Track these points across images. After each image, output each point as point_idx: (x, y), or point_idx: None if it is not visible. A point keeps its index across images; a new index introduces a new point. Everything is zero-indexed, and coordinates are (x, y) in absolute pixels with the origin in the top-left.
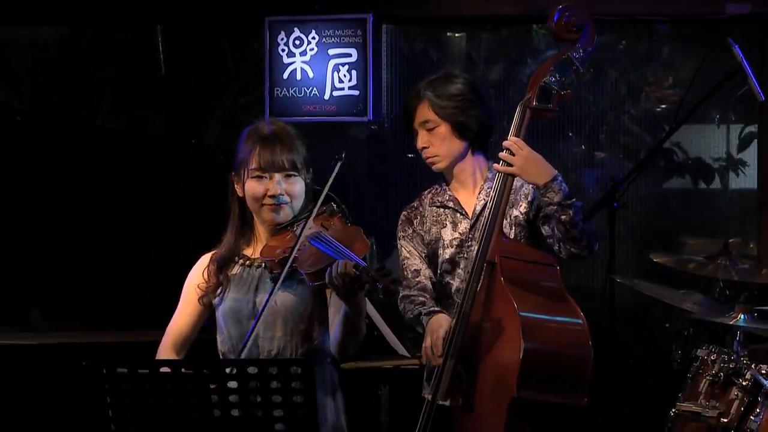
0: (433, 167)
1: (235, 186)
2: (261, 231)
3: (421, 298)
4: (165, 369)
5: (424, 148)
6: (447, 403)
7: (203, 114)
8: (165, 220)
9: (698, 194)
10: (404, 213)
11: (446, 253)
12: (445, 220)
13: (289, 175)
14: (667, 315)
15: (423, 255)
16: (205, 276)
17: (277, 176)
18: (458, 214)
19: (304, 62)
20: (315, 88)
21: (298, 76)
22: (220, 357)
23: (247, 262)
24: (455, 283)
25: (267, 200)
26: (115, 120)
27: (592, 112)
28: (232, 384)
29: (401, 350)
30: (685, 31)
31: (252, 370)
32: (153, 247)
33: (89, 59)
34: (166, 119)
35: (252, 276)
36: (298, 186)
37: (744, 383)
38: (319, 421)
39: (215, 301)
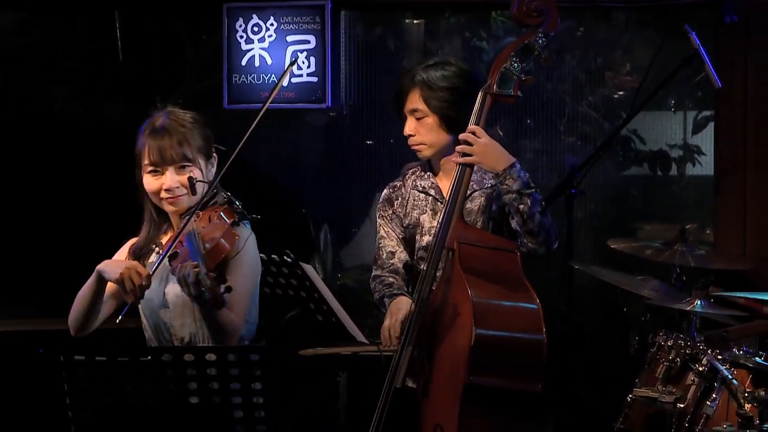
0: (418, 154)
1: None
2: (174, 219)
3: (390, 279)
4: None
5: (410, 135)
6: (412, 384)
7: (162, 101)
8: (124, 206)
9: (655, 180)
10: (386, 191)
11: (423, 240)
12: (426, 206)
13: (183, 166)
14: (624, 301)
15: (400, 237)
16: None
17: (170, 169)
18: (438, 203)
19: (262, 49)
20: (273, 75)
21: (257, 63)
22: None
23: (157, 249)
24: None
25: (163, 194)
26: (74, 107)
27: (549, 99)
28: (191, 371)
29: (359, 337)
30: (643, 17)
31: (210, 357)
32: (111, 233)
33: (46, 46)
34: (124, 106)
35: (164, 266)
36: (194, 174)
37: (700, 369)
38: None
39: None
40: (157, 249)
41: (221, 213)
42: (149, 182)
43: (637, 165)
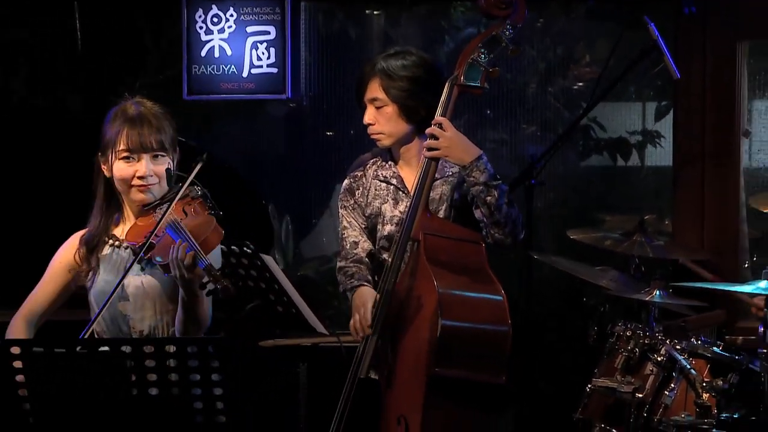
0: (378, 144)
1: (102, 167)
2: (129, 211)
3: (354, 269)
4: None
5: (369, 124)
6: (375, 376)
7: (122, 92)
8: (84, 197)
9: (615, 171)
10: (347, 181)
11: (385, 230)
12: (387, 195)
13: (157, 156)
14: (583, 291)
15: (363, 227)
16: (77, 259)
17: (145, 157)
18: (400, 192)
19: (222, 40)
20: (233, 66)
21: (216, 54)
22: (95, 337)
23: (116, 243)
24: None
25: (136, 181)
26: (34, 98)
27: (510, 89)
28: (150, 363)
29: (320, 328)
30: (602, 8)
31: (170, 348)
32: (70, 225)
33: (4, 37)
34: (84, 97)
35: (121, 257)
36: (166, 166)
37: (659, 359)
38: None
39: (87, 284)
40: (110, 241)
41: (197, 206)
42: (121, 168)
43: (597, 155)
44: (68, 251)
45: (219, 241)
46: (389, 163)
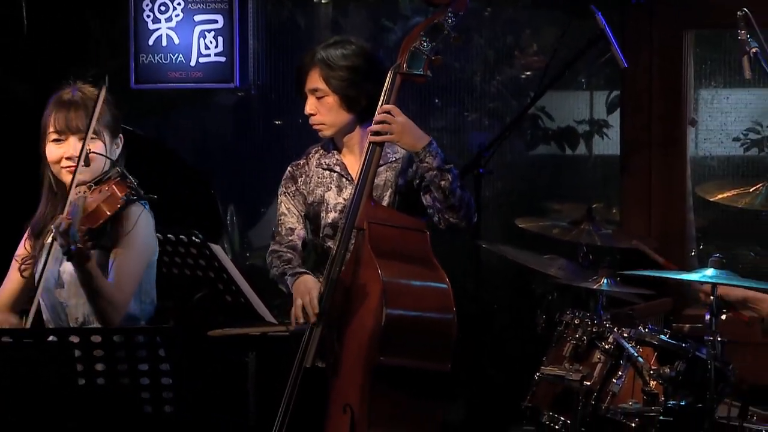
0: (319, 134)
1: (44, 153)
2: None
3: (289, 255)
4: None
5: (311, 114)
6: (321, 365)
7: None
8: (34, 188)
9: (563, 160)
10: (289, 169)
11: (329, 217)
12: (331, 183)
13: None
14: (532, 280)
15: (301, 214)
16: (27, 247)
17: (73, 139)
18: (344, 179)
19: (169, 28)
20: (181, 55)
21: (164, 43)
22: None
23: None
24: None
25: (64, 162)
26: None
27: (457, 78)
28: (98, 352)
29: (268, 317)
30: None
31: (117, 338)
32: (20, 216)
33: None
34: (32, 87)
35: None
36: (96, 147)
37: (607, 347)
38: None
39: (36, 271)
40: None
41: (112, 185)
42: (51, 150)
43: (545, 144)
44: (23, 241)
45: (112, 210)
46: (332, 151)
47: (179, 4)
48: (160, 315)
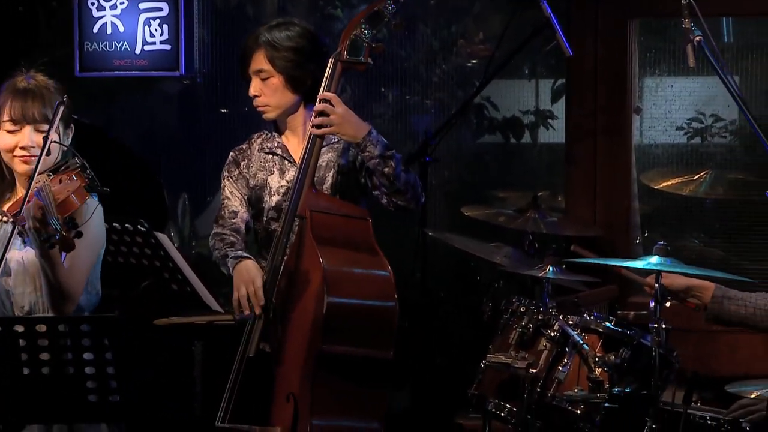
0: (264, 116)
1: None
2: (19, 184)
3: (232, 239)
4: None
5: (255, 96)
6: (267, 349)
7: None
8: None
9: (509, 148)
10: (232, 154)
11: (272, 201)
12: (273, 167)
13: (41, 128)
14: (478, 268)
15: (244, 198)
16: None
17: (28, 128)
18: (286, 162)
19: (114, 16)
20: (126, 43)
21: (109, 30)
22: None
23: (3, 218)
24: None
25: (18, 152)
26: None
27: (403, 67)
28: (43, 342)
29: (214, 306)
30: None
31: (62, 327)
32: None
33: None
34: None
35: (6, 232)
36: (51, 137)
37: (552, 334)
38: None
39: None
40: (2, 218)
41: (73, 175)
42: (4, 139)
43: (491, 133)
44: None
45: (81, 202)
46: (274, 134)
47: None
48: (106, 304)
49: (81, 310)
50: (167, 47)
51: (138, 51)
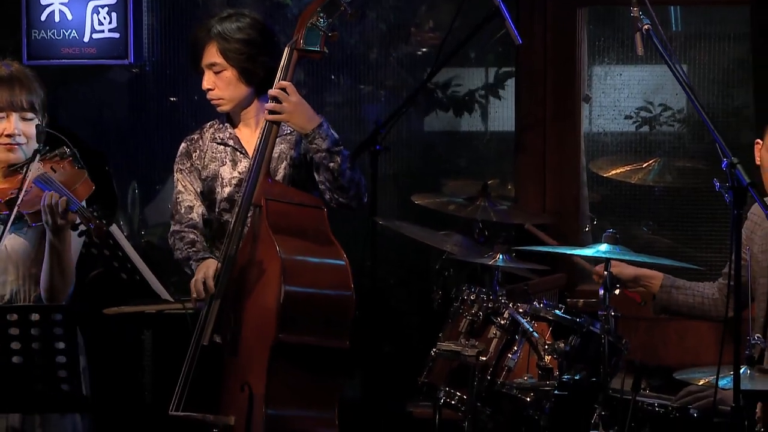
0: (218, 109)
1: None
2: None
3: (191, 236)
4: None
5: (209, 89)
6: (219, 340)
7: None
8: None
9: (459, 136)
10: (184, 144)
11: (225, 192)
12: (225, 158)
13: (27, 117)
14: (428, 256)
15: (198, 191)
16: None
17: (15, 116)
18: (238, 153)
19: (62, 4)
20: (74, 31)
21: (57, 18)
22: None
23: None
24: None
25: (3, 139)
26: None
27: (353, 54)
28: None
29: (164, 294)
30: None
31: (11, 317)
32: None
33: None
34: None
35: None
36: (33, 128)
37: (502, 322)
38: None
39: None
40: None
41: (66, 164)
42: None
43: (441, 121)
44: None
45: (88, 194)
46: (226, 125)
47: None
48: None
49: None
50: (116, 35)
51: (86, 39)
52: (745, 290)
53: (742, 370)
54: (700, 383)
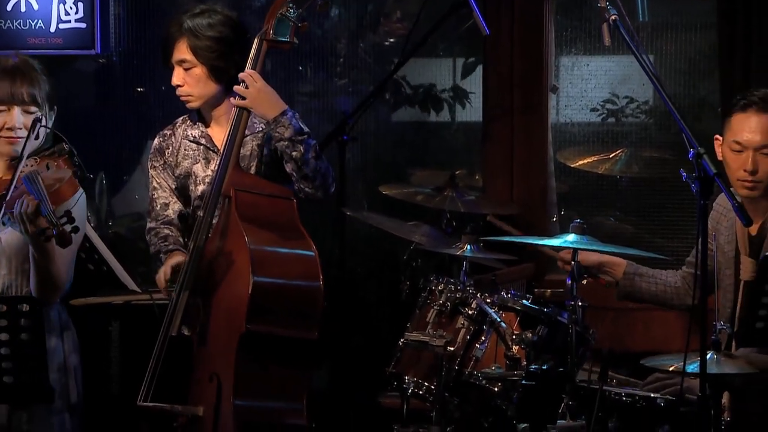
0: (187, 105)
1: None
2: (1, 164)
3: (166, 231)
4: None
5: (178, 86)
6: (187, 333)
7: None
8: None
9: (426, 127)
10: (157, 140)
11: (198, 190)
12: (198, 155)
13: (29, 110)
14: (396, 246)
15: (173, 187)
16: None
17: (17, 109)
18: (211, 152)
19: None
20: (40, 21)
21: (23, 8)
22: None
23: None
24: None
25: (4, 132)
26: None
27: (321, 45)
28: None
29: (131, 285)
30: None
31: None
32: None
33: None
34: None
35: None
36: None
37: (470, 312)
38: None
39: None
40: None
41: (60, 161)
42: None
43: (409, 111)
44: None
45: (72, 194)
46: (198, 123)
47: None
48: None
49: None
50: (82, 25)
51: (53, 29)
52: (710, 279)
53: (708, 356)
54: (670, 369)
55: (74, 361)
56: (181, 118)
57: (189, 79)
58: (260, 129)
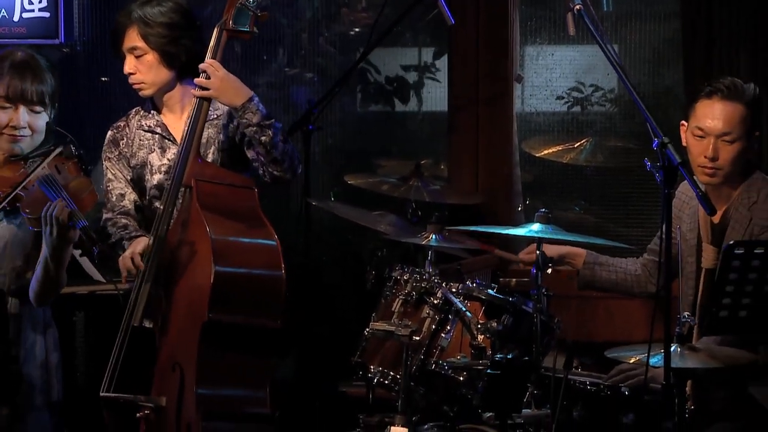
0: (140, 93)
1: None
2: (1, 160)
3: (124, 221)
4: None
5: (131, 74)
6: (149, 324)
7: None
8: None
9: (392, 116)
10: (110, 132)
11: (154, 179)
12: (153, 145)
13: (35, 110)
14: (361, 236)
15: (128, 178)
16: None
17: (23, 108)
18: (166, 140)
19: None
20: (3, 10)
21: None
22: None
23: None
24: None
25: (8, 130)
26: None
27: (286, 34)
28: None
29: (96, 276)
30: None
31: None
32: None
33: None
34: None
35: None
36: (41, 121)
37: (435, 302)
38: (27, 357)
39: None
40: None
41: (71, 165)
42: None
43: (374, 101)
44: None
45: (93, 205)
46: (152, 112)
47: None
48: None
49: None
50: (46, 15)
51: (16, 18)
52: (674, 266)
53: (672, 348)
54: (632, 361)
55: (55, 359)
56: (134, 109)
57: (141, 67)
58: (216, 116)
